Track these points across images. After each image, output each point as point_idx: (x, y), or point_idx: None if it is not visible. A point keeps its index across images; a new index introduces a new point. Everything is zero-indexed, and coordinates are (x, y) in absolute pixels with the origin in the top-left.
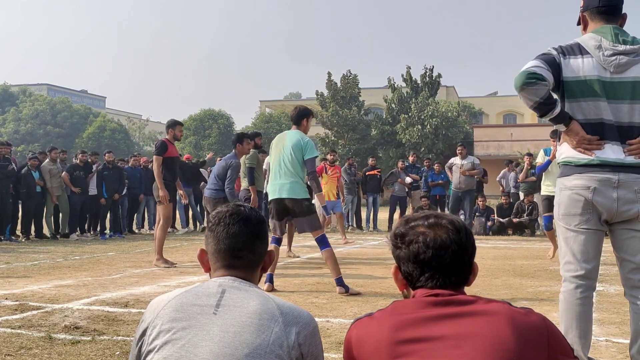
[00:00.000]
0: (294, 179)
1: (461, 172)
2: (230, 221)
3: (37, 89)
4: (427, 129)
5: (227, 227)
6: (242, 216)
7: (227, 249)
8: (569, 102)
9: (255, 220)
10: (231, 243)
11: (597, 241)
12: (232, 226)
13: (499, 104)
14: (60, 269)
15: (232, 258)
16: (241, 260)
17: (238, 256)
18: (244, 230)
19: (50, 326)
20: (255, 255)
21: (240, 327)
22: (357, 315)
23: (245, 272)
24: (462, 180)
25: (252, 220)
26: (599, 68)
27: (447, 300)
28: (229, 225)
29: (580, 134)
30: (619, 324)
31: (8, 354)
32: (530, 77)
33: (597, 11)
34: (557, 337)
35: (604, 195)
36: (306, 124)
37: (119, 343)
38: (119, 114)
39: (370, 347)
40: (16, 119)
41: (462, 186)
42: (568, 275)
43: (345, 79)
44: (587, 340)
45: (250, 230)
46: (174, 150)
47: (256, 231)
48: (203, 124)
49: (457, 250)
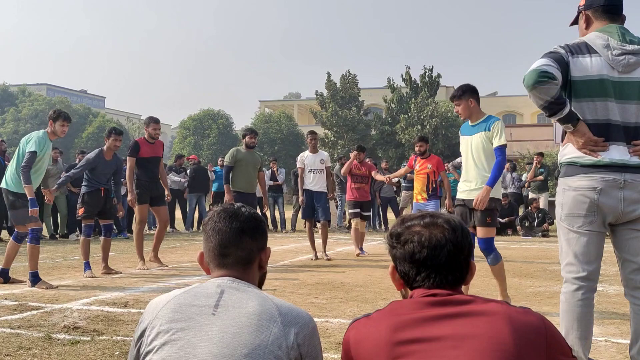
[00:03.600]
0: None
1: None
2: (218, 218)
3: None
4: (426, 129)
5: (214, 224)
6: (230, 213)
7: (214, 246)
8: (576, 102)
9: (244, 217)
10: (217, 240)
11: (599, 243)
12: (219, 222)
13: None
14: (59, 269)
15: (221, 256)
16: (229, 258)
17: (225, 254)
18: (229, 225)
19: (50, 326)
20: (244, 252)
21: (239, 328)
22: (356, 315)
23: (238, 271)
24: None
25: (239, 216)
26: (608, 67)
27: (445, 300)
28: (215, 222)
29: (586, 135)
30: (618, 324)
31: (7, 354)
32: (542, 76)
33: (603, 10)
34: (555, 337)
35: (610, 195)
36: None
37: (119, 343)
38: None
39: (368, 348)
40: (15, 119)
41: None
42: (569, 276)
43: (345, 79)
44: (588, 341)
45: (237, 226)
46: (150, 150)
47: (243, 227)
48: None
49: (452, 250)
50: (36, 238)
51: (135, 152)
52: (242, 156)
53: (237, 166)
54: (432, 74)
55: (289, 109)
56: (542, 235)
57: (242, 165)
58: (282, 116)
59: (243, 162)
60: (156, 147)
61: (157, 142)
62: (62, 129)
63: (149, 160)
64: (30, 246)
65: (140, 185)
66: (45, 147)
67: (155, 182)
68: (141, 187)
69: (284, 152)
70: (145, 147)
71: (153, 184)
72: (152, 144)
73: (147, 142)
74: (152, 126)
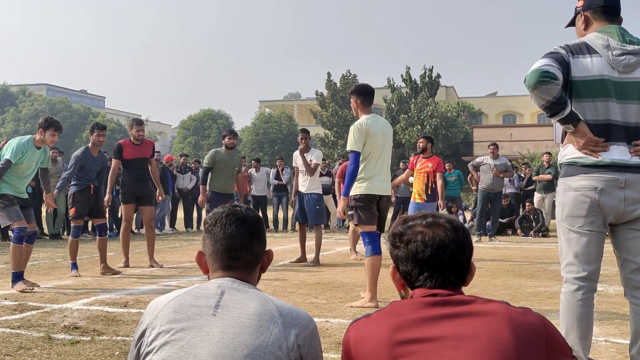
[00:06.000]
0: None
1: (495, 174)
2: (227, 221)
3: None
4: (426, 129)
5: (223, 228)
6: (239, 216)
7: (225, 250)
8: (576, 102)
9: (252, 220)
10: (228, 243)
11: (599, 243)
12: (229, 226)
13: (499, 105)
14: (59, 269)
15: (230, 259)
16: (239, 260)
17: (236, 257)
18: (240, 230)
19: (50, 326)
20: (253, 255)
21: (239, 328)
22: (356, 315)
23: (244, 273)
24: (495, 181)
25: (249, 220)
26: (609, 68)
27: (446, 300)
28: (225, 226)
29: (587, 136)
30: (618, 324)
31: (7, 354)
32: (544, 76)
33: (602, 10)
34: (555, 337)
35: (610, 195)
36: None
37: (119, 343)
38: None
39: (368, 348)
40: (15, 119)
41: (494, 187)
42: (569, 276)
43: (345, 79)
44: (588, 341)
45: (247, 230)
46: (134, 152)
47: (253, 231)
48: (202, 124)
49: (455, 249)
50: (18, 237)
51: (118, 154)
52: (221, 158)
53: (216, 168)
54: (432, 74)
55: (289, 109)
56: (542, 236)
57: (220, 167)
58: (282, 116)
59: (222, 163)
60: (143, 148)
61: (145, 142)
62: (52, 139)
63: (133, 162)
64: (12, 245)
65: (125, 186)
66: (26, 154)
67: (141, 182)
68: (125, 187)
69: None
70: (129, 149)
71: (138, 184)
72: (138, 145)
73: (133, 143)
74: (135, 128)
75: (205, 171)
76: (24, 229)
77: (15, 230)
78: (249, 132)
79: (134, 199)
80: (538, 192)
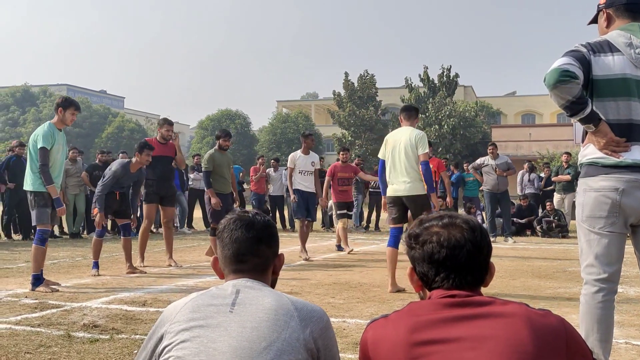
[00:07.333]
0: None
1: (498, 174)
2: (234, 227)
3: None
4: (444, 129)
5: (230, 233)
6: (245, 222)
7: (232, 254)
8: (598, 101)
9: (259, 225)
10: (235, 248)
11: (620, 244)
12: (235, 232)
13: (518, 104)
14: (79, 268)
15: (238, 263)
16: (247, 264)
17: (243, 260)
18: (246, 235)
19: (69, 324)
20: (261, 259)
21: (257, 323)
22: (373, 315)
23: (254, 275)
24: (500, 181)
25: (256, 225)
26: (631, 66)
27: (464, 301)
28: (232, 231)
29: (608, 135)
30: (638, 326)
31: (27, 352)
32: (564, 75)
33: (625, 8)
34: (576, 340)
35: (632, 196)
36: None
37: (137, 342)
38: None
39: (386, 349)
40: (36, 119)
41: (500, 187)
42: (590, 278)
43: (363, 79)
44: (608, 343)
45: (253, 235)
46: (159, 150)
47: (259, 235)
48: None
49: (472, 250)
50: (41, 239)
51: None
52: (219, 159)
53: (215, 169)
54: (450, 74)
55: (306, 109)
56: (562, 236)
57: (219, 168)
58: (299, 116)
59: (220, 164)
60: (167, 147)
61: (168, 143)
62: (72, 117)
63: (159, 159)
64: (34, 247)
65: (149, 185)
66: (53, 138)
67: (165, 181)
68: (150, 186)
69: None
70: (156, 146)
71: (162, 184)
72: (163, 145)
73: (159, 142)
74: (166, 127)
75: (208, 174)
76: (47, 232)
77: (39, 232)
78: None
79: (157, 199)
80: (557, 193)
